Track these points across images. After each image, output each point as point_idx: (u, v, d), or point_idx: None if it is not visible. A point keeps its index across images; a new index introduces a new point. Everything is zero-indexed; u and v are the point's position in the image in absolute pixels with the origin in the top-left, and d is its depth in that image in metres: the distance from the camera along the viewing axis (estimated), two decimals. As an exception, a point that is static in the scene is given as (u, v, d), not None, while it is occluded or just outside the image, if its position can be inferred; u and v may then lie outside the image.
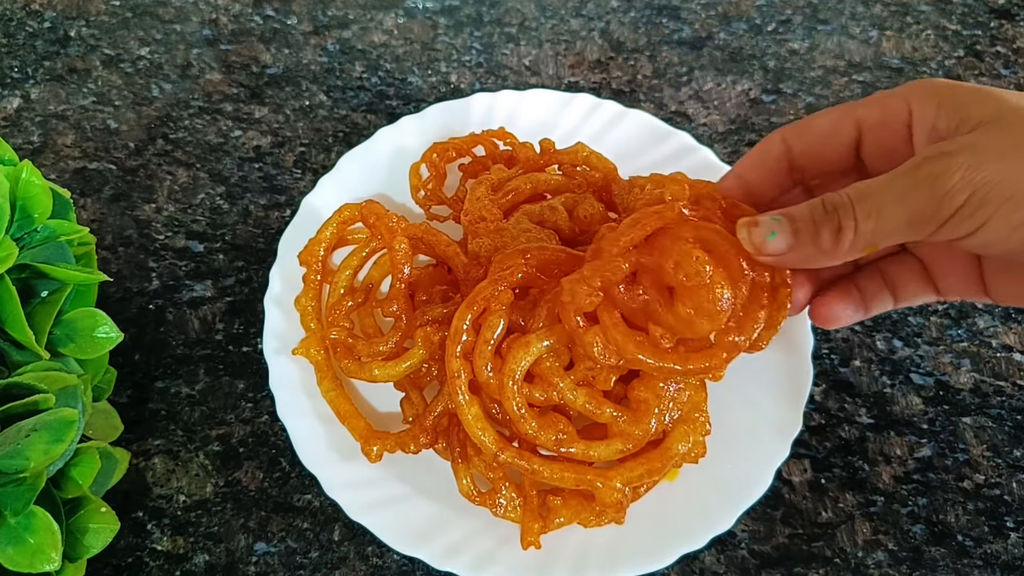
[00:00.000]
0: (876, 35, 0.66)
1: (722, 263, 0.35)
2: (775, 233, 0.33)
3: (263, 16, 0.66)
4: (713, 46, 0.65)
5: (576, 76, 0.64)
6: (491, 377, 0.39)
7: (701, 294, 0.34)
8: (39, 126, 0.60)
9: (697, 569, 0.43)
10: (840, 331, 0.51)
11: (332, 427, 0.44)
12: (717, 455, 0.42)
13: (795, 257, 0.33)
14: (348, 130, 0.60)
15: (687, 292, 0.35)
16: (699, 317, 0.35)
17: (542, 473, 0.39)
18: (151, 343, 0.51)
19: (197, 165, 0.58)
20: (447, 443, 0.42)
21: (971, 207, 0.28)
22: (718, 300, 0.34)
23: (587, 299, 0.36)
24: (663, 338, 0.36)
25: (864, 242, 0.31)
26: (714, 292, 0.34)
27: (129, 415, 0.47)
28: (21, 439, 0.34)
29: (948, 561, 0.44)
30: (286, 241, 0.49)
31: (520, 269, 0.40)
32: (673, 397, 0.39)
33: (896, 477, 0.46)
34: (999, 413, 0.48)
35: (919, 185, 0.29)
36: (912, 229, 0.30)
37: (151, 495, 0.46)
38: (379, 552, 0.44)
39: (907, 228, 0.30)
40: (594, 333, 0.37)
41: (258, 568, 0.44)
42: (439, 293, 0.45)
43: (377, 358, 0.43)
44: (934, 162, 0.29)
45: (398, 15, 0.67)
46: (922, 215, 0.29)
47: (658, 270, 0.36)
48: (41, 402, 0.36)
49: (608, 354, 0.37)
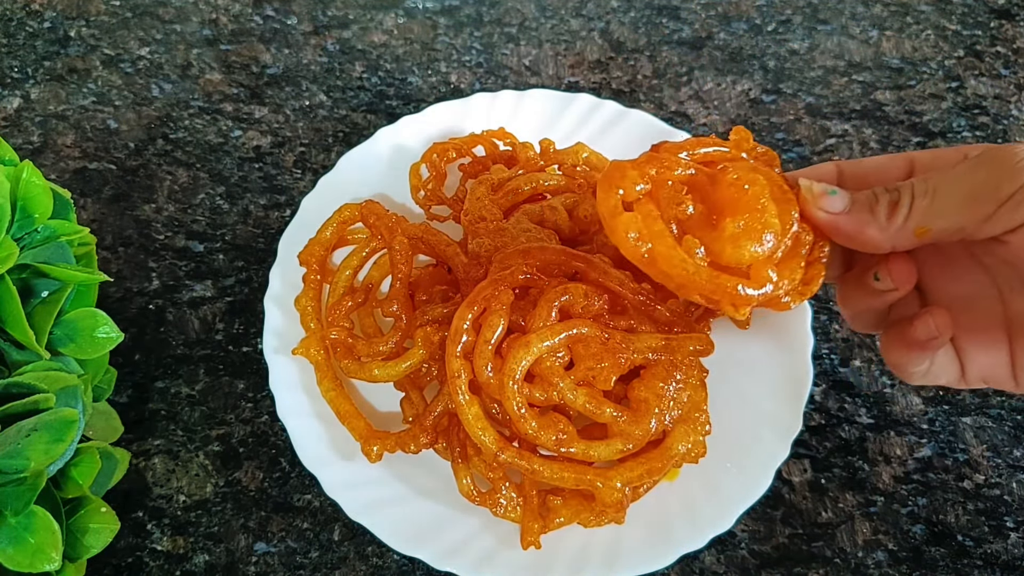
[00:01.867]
0: (876, 35, 0.66)
1: (777, 202, 0.34)
2: (836, 191, 0.33)
3: (263, 16, 0.66)
4: (713, 46, 0.65)
5: (576, 76, 0.64)
6: (491, 377, 0.39)
7: (754, 214, 0.33)
8: (39, 126, 0.60)
9: (697, 569, 0.43)
10: (840, 331, 0.51)
11: (332, 427, 0.44)
12: (717, 455, 0.42)
13: (848, 220, 0.32)
14: (348, 130, 0.60)
15: (740, 208, 0.33)
16: (746, 238, 0.33)
17: (542, 473, 0.39)
18: (151, 343, 0.51)
19: (197, 165, 0.58)
20: (447, 443, 0.42)
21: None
22: (768, 226, 0.33)
23: (636, 183, 0.34)
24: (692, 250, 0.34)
25: (917, 220, 0.30)
26: (766, 216, 0.33)
27: (129, 415, 0.47)
28: (21, 439, 0.34)
29: (948, 561, 0.44)
30: (286, 241, 0.49)
31: (520, 269, 0.40)
32: (673, 397, 0.39)
33: (896, 477, 0.46)
34: (999, 413, 0.48)
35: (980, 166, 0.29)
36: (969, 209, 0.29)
37: (151, 495, 0.46)
38: (379, 552, 0.44)
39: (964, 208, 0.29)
40: (631, 219, 0.34)
41: (258, 568, 0.44)
42: (439, 293, 0.45)
43: (377, 358, 0.43)
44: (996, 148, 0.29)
45: (398, 15, 0.67)
46: (981, 192, 0.29)
47: (714, 189, 0.34)
48: (41, 402, 0.36)
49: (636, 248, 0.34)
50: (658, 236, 0.34)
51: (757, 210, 0.33)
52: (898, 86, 0.63)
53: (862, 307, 0.36)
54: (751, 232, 0.33)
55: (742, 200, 0.33)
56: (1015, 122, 0.61)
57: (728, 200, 0.34)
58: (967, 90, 0.63)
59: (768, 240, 0.33)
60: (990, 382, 0.34)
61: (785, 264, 0.34)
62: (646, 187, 0.34)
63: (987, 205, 0.29)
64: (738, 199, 0.34)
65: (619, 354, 0.39)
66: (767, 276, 0.34)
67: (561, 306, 0.40)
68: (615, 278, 0.41)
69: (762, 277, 0.34)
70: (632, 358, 0.40)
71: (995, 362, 0.34)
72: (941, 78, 0.64)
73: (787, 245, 0.34)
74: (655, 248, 0.34)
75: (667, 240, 0.34)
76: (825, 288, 0.53)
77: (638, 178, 0.34)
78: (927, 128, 0.61)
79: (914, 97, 0.63)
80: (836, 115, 0.61)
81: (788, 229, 0.34)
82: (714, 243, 0.34)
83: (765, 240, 0.33)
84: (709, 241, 0.34)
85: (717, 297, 0.34)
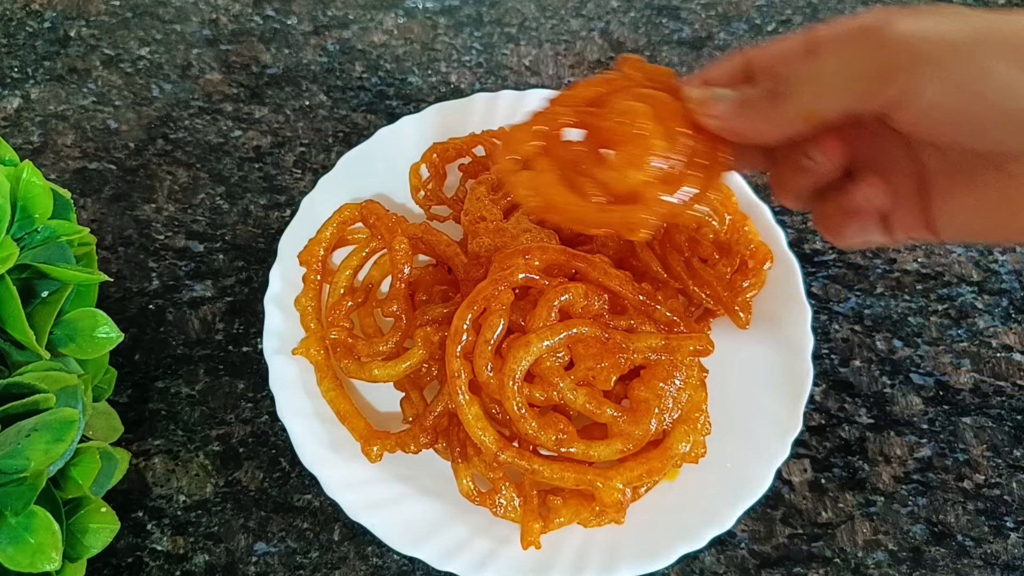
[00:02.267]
0: (876, 35, 0.66)
1: (662, 122, 0.35)
2: (720, 95, 0.33)
3: (263, 16, 0.66)
4: (713, 46, 0.65)
5: (576, 76, 0.63)
6: (491, 377, 0.39)
7: (634, 140, 0.34)
8: (39, 126, 0.60)
9: (697, 569, 0.44)
10: (840, 331, 0.51)
11: (332, 427, 0.44)
12: (717, 455, 0.42)
13: (736, 121, 0.33)
14: (348, 130, 0.60)
15: (620, 138, 0.35)
16: (628, 165, 0.34)
17: (542, 473, 0.39)
18: (151, 343, 0.51)
19: (197, 165, 0.58)
20: (447, 443, 0.42)
21: (914, 60, 0.27)
22: (651, 148, 0.34)
23: (526, 142, 0.36)
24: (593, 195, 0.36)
25: (804, 107, 0.30)
26: (647, 140, 0.34)
27: (129, 415, 0.47)
28: (22, 439, 0.34)
29: (948, 561, 0.44)
30: (286, 241, 0.49)
31: (520, 269, 0.40)
32: (673, 397, 0.40)
33: (896, 477, 0.46)
34: (999, 413, 0.48)
35: (855, 42, 0.29)
36: (848, 90, 0.29)
37: (151, 495, 0.46)
38: (379, 552, 0.44)
39: (844, 90, 0.29)
40: (522, 176, 0.36)
41: (258, 568, 0.44)
42: (439, 293, 0.45)
43: (377, 358, 0.43)
44: (871, 22, 0.29)
45: (398, 15, 0.67)
46: (856, 71, 0.29)
47: (600, 125, 0.36)
48: (41, 402, 0.36)
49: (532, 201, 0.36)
50: (548, 185, 0.36)
51: (635, 136, 0.34)
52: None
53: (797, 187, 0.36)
54: (632, 159, 0.34)
55: (620, 130, 0.35)
56: (1015, 122, 0.61)
57: (610, 133, 0.35)
58: (967, 90, 0.63)
59: (654, 162, 0.34)
60: (914, 237, 0.35)
61: (684, 177, 0.35)
62: (539, 143, 0.36)
63: (870, 84, 0.29)
64: (617, 129, 0.35)
65: (619, 354, 0.39)
66: (655, 198, 0.35)
67: (561, 306, 0.40)
68: (615, 278, 0.41)
69: (651, 199, 0.35)
70: (632, 358, 0.40)
71: (914, 217, 0.34)
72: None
73: (680, 161, 0.35)
74: (548, 198, 0.36)
75: (556, 188, 0.36)
76: (825, 289, 0.53)
77: (527, 138, 0.36)
78: (927, 128, 0.61)
79: (914, 97, 0.62)
80: (836, 115, 0.61)
81: (676, 145, 0.35)
82: (605, 177, 0.35)
83: (650, 164, 0.34)
84: (601, 177, 0.35)
85: (611, 228, 0.35)
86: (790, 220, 0.56)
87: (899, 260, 0.54)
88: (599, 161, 0.36)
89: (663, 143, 0.34)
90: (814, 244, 0.55)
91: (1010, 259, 0.54)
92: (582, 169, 0.36)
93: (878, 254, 0.55)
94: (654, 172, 0.34)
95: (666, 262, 0.45)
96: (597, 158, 0.36)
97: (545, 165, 0.36)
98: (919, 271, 0.54)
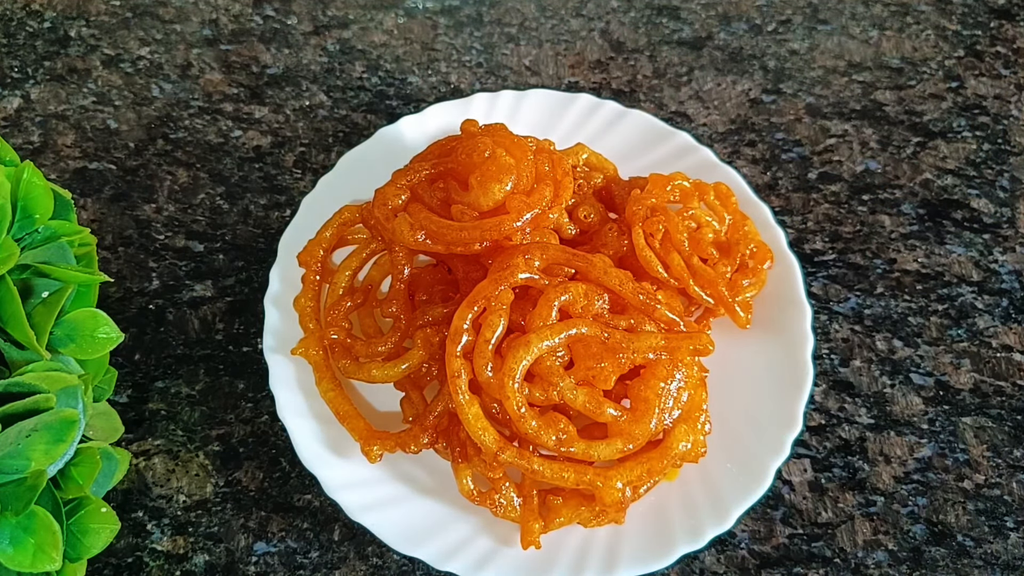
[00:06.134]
0: (876, 35, 0.66)
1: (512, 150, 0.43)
2: None
3: (263, 16, 0.66)
4: (713, 46, 0.65)
5: (576, 76, 0.64)
6: (491, 377, 0.39)
7: (486, 164, 0.42)
8: (39, 126, 0.60)
9: (697, 569, 0.44)
10: (840, 331, 0.51)
11: (332, 427, 0.44)
12: (717, 455, 0.42)
13: None
14: (348, 130, 0.60)
15: (474, 166, 0.42)
16: (489, 182, 0.42)
17: (542, 473, 0.39)
18: (151, 343, 0.51)
19: (197, 165, 0.58)
20: (447, 443, 0.42)
21: None
22: (504, 168, 0.42)
23: (397, 195, 0.44)
24: (464, 215, 0.42)
25: None
26: (499, 161, 0.42)
27: (129, 415, 0.47)
28: (22, 439, 0.34)
29: (948, 561, 0.44)
30: (286, 241, 0.49)
31: (520, 269, 0.40)
32: (673, 396, 0.39)
33: (896, 477, 0.46)
34: (999, 413, 0.48)
35: None
36: None
37: (151, 495, 0.46)
38: (379, 552, 0.44)
39: None
40: (399, 219, 0.43)
41: (258, 568, 0.44)
42: (439, 293, 0.45)
43: (375, 359, 0.43)
44: None
45: (398, 15, 0.67)
46: None
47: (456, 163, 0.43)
48: (42, 402, 0.36)
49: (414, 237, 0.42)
50: (426, 219, 0.43)
51: (487, 160, 0.42)
52: (898, 86, 0.63)
53: None
54: (490, 177, 0.42)
55: (471, 161, 0.43)
56: (1015, 122, 0.61)
57: (466, 166, 0.43)
58: (967, 90, 0.63)
59: (510, 178, 0.42)
60: None
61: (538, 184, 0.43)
62: (406, 194, 0.44)
63: None
64: (470, 161, 0.43)
65: (619, 354, 0.39)
66: (521, 203, 0.42)
67: (561, 306, 0.40)
68: (615, 278, 0.41)
69: (517, 205, 0.42)
70: (632, 358, 0.40)
71: None
72: (941, 78, 0.64)
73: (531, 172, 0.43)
74: (429, 228, 0.42)
75: (432, 218, 0.43)
76: (825, 289, 0.53)
77: (396, 191, 0.44)
78: (927, 128, 0.61)
79: (914, 97, 0.63)
80: (836, 115, 0.61)
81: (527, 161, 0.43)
82: (471, 199, 0.42)
83: (506, 179, 0.42)
84: (469, 200, 0.43)
85: (489, 237, 0.42)
86: (790, 220, 0.56)
87: (899, 260, 0.54)
88: (464, 188, 0.43)
89: (515, 159, 0.42)
90: (814, 244, 0.55)
91: (1010, 259, 0.54)
92: (452, 199, 0.43)
93: (878, 254, 0.55)
94: (516, 185, 0.42)
95: (666, 262, 0.45)
96: (463, 187, 0.43)
97: (418, 207, 0.44)
98: (919, 271, 0.54)
